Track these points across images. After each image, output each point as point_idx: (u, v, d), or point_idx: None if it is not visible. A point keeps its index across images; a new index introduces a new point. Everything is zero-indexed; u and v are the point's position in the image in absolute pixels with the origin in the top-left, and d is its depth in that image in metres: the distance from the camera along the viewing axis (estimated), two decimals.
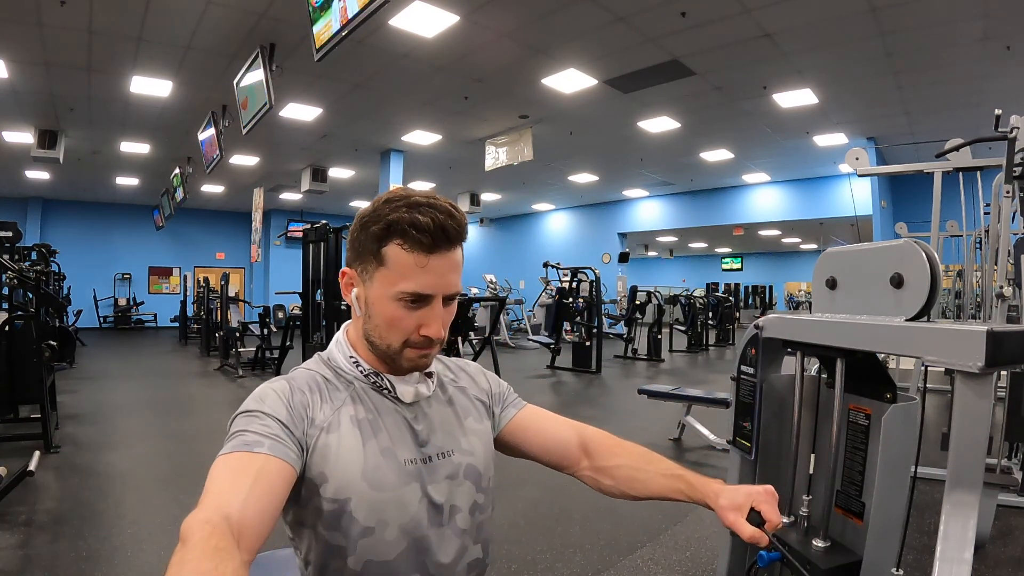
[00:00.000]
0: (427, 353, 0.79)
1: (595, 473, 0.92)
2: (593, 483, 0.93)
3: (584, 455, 0.93)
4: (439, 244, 0.74)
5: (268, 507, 0.63)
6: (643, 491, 0.88)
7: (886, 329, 0.88)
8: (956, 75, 5.90)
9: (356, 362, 0.81)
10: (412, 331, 0.76)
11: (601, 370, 7.95)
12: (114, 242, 14.71)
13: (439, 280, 0.75)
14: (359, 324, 0.81)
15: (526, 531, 2.70)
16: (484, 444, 0.87)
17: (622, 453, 0.92)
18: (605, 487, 0.91)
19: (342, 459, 0.73)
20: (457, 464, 0.82)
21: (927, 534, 2.40)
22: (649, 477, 0.88)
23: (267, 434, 0.68)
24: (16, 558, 2.29)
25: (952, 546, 0.76)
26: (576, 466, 0.93)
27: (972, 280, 5.39)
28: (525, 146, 8.05)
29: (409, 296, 0.74)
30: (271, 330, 7.84)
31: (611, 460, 0.91)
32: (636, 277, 14.89)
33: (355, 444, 0.74)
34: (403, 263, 0.74)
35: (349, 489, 0.72)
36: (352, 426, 0.76)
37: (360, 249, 0.77)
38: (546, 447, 0.93)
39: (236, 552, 0.55)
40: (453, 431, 0.84)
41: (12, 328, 3.74)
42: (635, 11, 4.82)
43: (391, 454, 0.76)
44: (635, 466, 0.89)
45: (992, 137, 3.00)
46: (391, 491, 0.74)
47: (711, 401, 4.12)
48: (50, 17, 4.76)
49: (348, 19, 3.59)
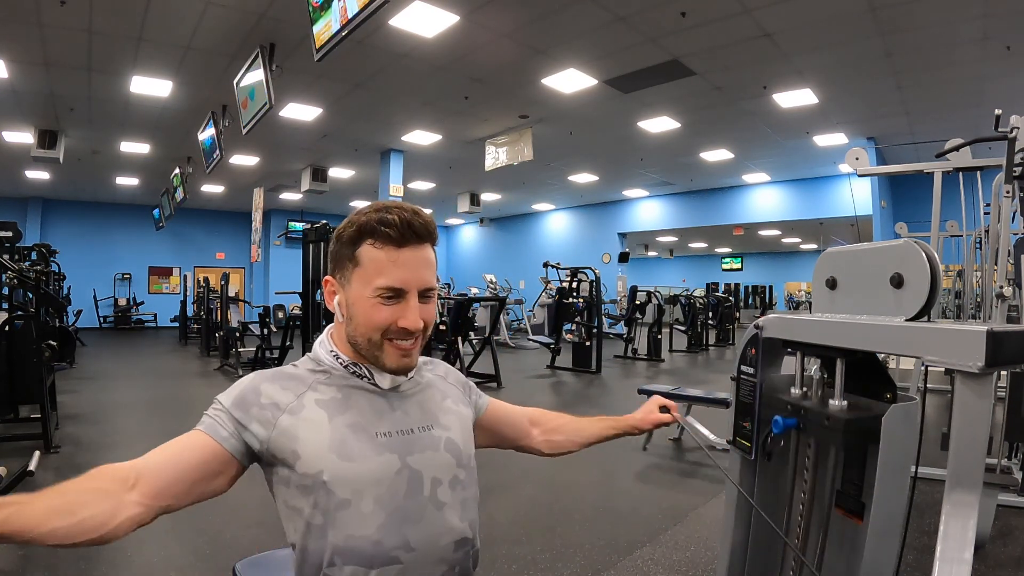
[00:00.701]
0: (408, 351, 0.82)
1: (546, 436, 1.11)
2: (547, 447, 1.11)
3: (534, 426, 1.11)
4: (407, 238, 0.79)
5: (173, 465, 0.72)
6: (587, 437, 1.12)
7: (886, 329, 0.88)
8: (956, 75, 5.90)
9: (336, 355, 0.85)
10: (390, 324, 0.79)
11: (601, 370, 7.95)
12: (114, 242, 14.70)
13: (412, 274, 0.79)
14: (342, 330, 0.85)
15: (526, 531, 2.69)
16: (462, 424, 0.91)
17: (560, 417, 1.14)
18: (557, 444, 1.11)
19: (310, 435, 0.77)
20: (437, 437, 0.84)
21: (927, 534, 2.40)
22: (586, 426, 1.13)
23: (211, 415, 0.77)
24: (16, 558, 2.29)
25: (952, 546, 0.76)
26: (529, 437, 1.10)
27: (972, 280, 5.39)
28: (525, 146, 8.04)
29: (385, 291, 0.78)
30: (271, 330, 7.83)
31: (555, 422, 1.13)
32: (636, 277, 14.89)
33: (321, 419, 0.78)
34: (376, 260, 0.78)
35: (319, 461, 0.75)
36: (315, 407, 0.79)
37: (338, 257, 0.83)
38: (508, 432, 1.08)
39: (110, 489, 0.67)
40: (432, 408, 0.88)
41: (12, 328, 3.74)
42: (635, 11, 4.82)
43: (360, 428, 0.79)
44: (574, 426, 1.13)
45: (992, 137, 3.00)
46: (361, 461, 0.77)
47: (711, 401, 4.12)
48: (50, 17, 4.76)
49: (348, 19, 3.59)
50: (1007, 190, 2.85)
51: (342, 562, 0.74)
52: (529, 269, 14.98)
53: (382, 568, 0.75)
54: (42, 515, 0.61)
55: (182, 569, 2.27)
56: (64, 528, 0.62)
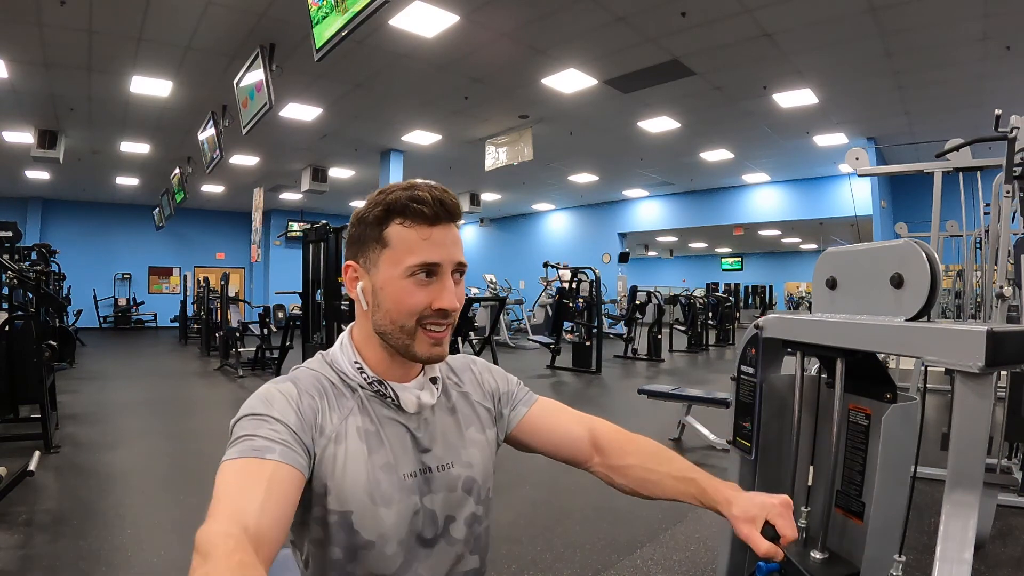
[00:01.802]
0: (441, 339, 0.76)
1: (607, 471, 0.90)
2: (606, 479, 0.91)
3: (595, 451, 0.91)
4: (440, 216, 0.74)
5: (282, 516, 0.62)
6: (655, 492, 0.86)
7: (886, 329, 0.88)
8: (956, 75, 5.90)
9: (360, 368, 0.79)
10: (424, 307, 0.74)
11: (601, 370, 7.94)
12: (114, 242, 14.71)
13: (445, 251, 0.75)
14: (366, 322, 0.79)
15: (526, 531, 2.69)
16: (484, 456, 0.86)
17: (634, 451, 0.89)
18: (617, 485, 0.90)
19: (347, 472, 0.72)
20: (456, 477, 0.81)
21: (927, 534, 2.40)
22: (661, 479, 0.85)
23: (277, 439, 0.66)
24: (16, 558, 2.29)
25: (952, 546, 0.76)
26: (588, 462, 0.91)
27: (972, 280, 5.39)
28: (525, 146, 8.04)
29: (418, 268, 0.73)
30: (271, 330, 7.83)
31: (623, 459, 0.89)
32: (636, 277, 14.89)
33: (360, 457, 0.73)
34: (407, 239, 0.74)
35: (351, 502, 0.71)
36: (358, 438, 0.74)
37: (361, 240, 0.77)
38: (557, 444, 0.92)
39: (259, 566, 0.54)
40: (454, 442, 0.83)
41: (12, 328, 3.73)
42: (635, 11, 4.82)
43: (392, 469, 0.75)
44: (647, 466, 0.87)
45: (992, 137, 3.00)
46: (392, 506, 0.74)
47: (711, 401, 4.12)
48: (50, 17, 4.76)
49: (348, 19, 3.59)
50: (1007, 190, 2.85)
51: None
52: (529, 269, 14.98)
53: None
54: None
55: (182, 569, 2.25)
56: None
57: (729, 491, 0.77)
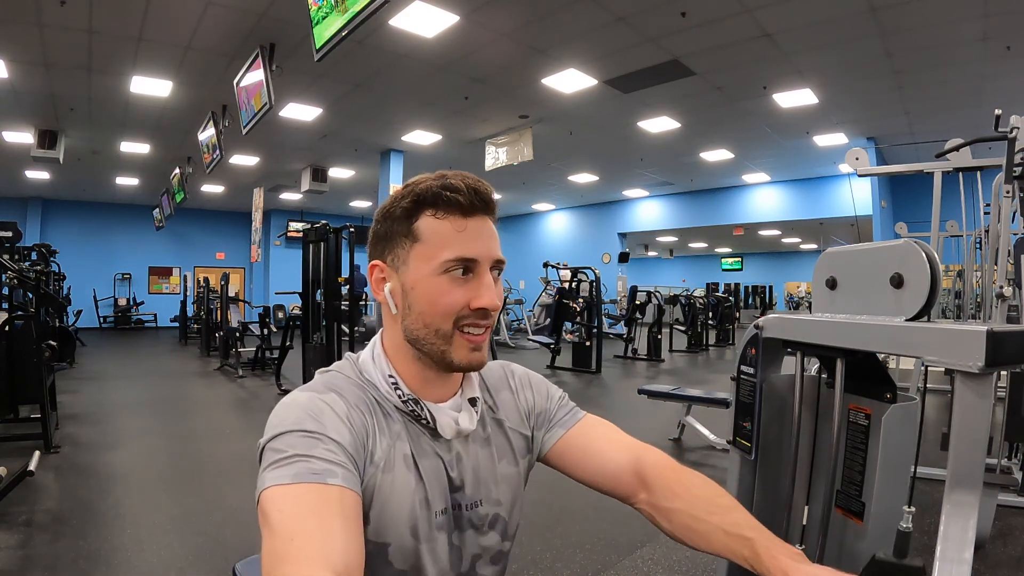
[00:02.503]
0: (480, 343, 0.70)
1: (652, 510, 0.79)
2: (650, 518, 0.80)
3: (642, 487, 0.79)
4: (475, 207, 0.68)
5: (361, 550, 0.56)
6: (700, 545, 0.74)
7: (886, 329, 0.88)
8: (956, 75, 5.90)
9: (395, 383, 0.72)
10: (461, 307, 0.67)
11: (601, 370, 7.94)
12: (114, 242, 14.71)
13: (482, 244, 0.68)
14: (396, 328, 0.72)
15: (526, 531, 2.69)
16: (514, 491, 0.81)
17: (683, 494, 0.76)
18: (662, 527, 0.79)
19: (390, 504, 0.67)
20: (483, 516, 0.77)
21: (927, 534, 2.40)
22: (710, 531, 0.72)
23: (337, 462, 0.59)
24: (16, 558, 2.29)
25: (952, 546, 0.76)
26: (633, 498, 0.81)
27: (972, 280, 5.39)
28: (525, 146, 8.04)
29: (454, 263, 0.66)
30: (271, 330, 7.83)
31: (670, 501, 0.76)
32: (636, 277, 14.89)
33: (407, 489, 0.68)
34: (440, 231, 0.67)
35: (390, 535, 0.67)
36: (405, 468, 0.69)
37: (387, 236, 0.70)
38: (594, 474, 0.82)
39: None
40: (485, 479, 0.77)
41: (12, 328, 3.73)
42: (635, 11, 4.82)
43: (428, 505, 0.71)
44: (695, 515, 0.74)
45: (992, 137, 3.00)
46: (426, 542, 0.70)
47: (711, 401, 4.12)
48: (50, 17, 4.76)
49: (348, 19, 3.59)
50: (1007, 190, 2.85)
51: None
52: (529, 269, 14.98)
53: None
54: None
55: (182, 569, 2.27)
56: None
57: (788, 561, 0.63)
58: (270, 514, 0.54)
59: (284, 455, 0.58)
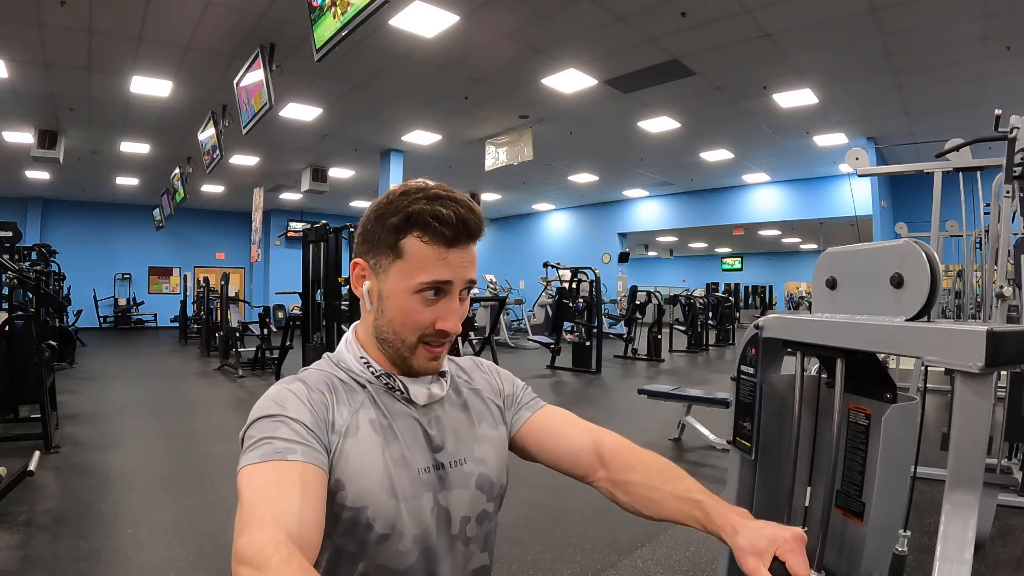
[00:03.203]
0: (438, 354, 0.76)
1: (610, 486, 0.85)
2: (608, 494, 0.87)
3: (600, 465, 0.86)
4: (460, 238, 0.72)
5: (319, 517, 0.61)
6: (657, 512, 0.80)
7: (886, 329, 0.88)
8: (956, 75, 5.90)
9: (367, 363, 0.78)
10: (427, 325, 0.73)
11: (601, 370, 7.94)
12: (114, 242, 14.71)
13: (459, 271, 0.73)
14: (369, 321, 0.78)
15: (526, 531, 2.69)
16: (498, 452, 0.85)
17: (639, 467, 0.83)
18: (620, 501, 0.85)
19: (361, 466, 0.70)
20: (469, 474, 0.79)
21: (927, 534, 2.40)
22: (664, 498, 0.79)
23: (298, 440, 0.65)
24: (16, 558, 2.29)
25: (952, 546, 0.75)
26: (591, 475, 0.87)
27: (972, 280, 5.39)
28: (525, 146, 8.05)
29: (428, 286, 0.71)
30: (271, 330, 7.84)
31: (627, 475, 0.83)
32: (636, 277, 14.89)
33: (374, 450, 0.72)
34: (422, 256, 0.71)
35: (366, 497, 0.70)
36: (371, 431, 0.73)
37: (375, 241, 0.74)
38: (559, 454, 0.88)
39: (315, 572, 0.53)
40: (466, 437, 0.81)
41: (12, 328, 3.74)
42: (635, 11, 4.82)
43: (406, 463, 0.74)
44: (651, 484, 0.81)
45: (992, 137, 3.00)
46: (406, 501, 0.72)
47: (711, 401, 4.12)
48: (50, 17, 4.76)
49: (348, 19, 3.59)
50: (1007, 190, 2.85)
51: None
52: (529, 269, 14.99)
53: None
54: None
55: (182, 569, 2.27)
56: None
57: (736, 518, 0.70)
58: (240, 490, 0.61)
59: (253, 440, 0.65)
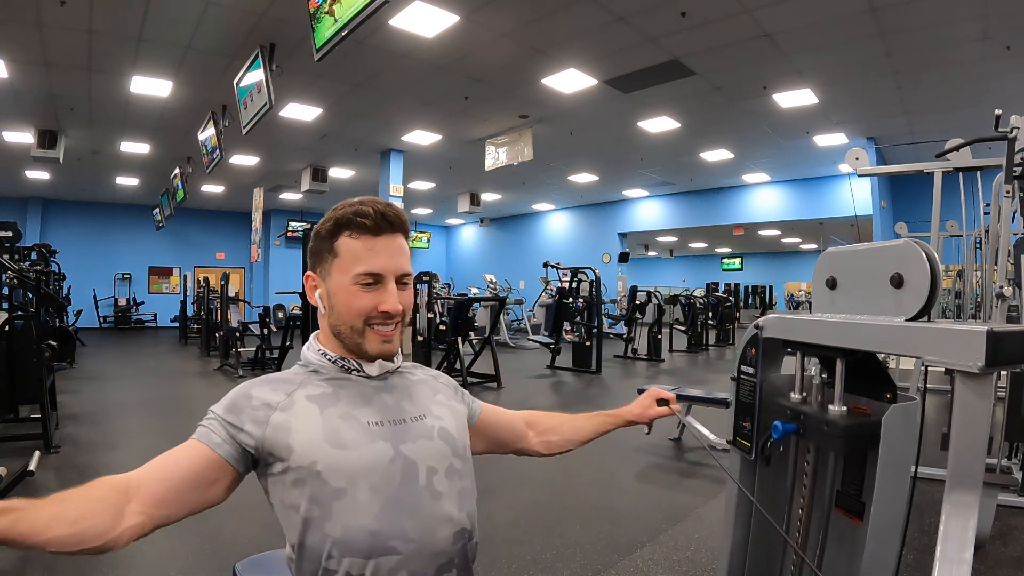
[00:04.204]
0: (389, 337, 0.85)
1: (542, 437, 1.11)
2: (544, 447, 1.11)
3: (529, 428, 1.11)
4: (382, 227, 0.83)
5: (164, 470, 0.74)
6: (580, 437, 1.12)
7: (886, 329, 0.88)
8: (956, 75, 5.90)
9: (324, 352, 0.88)
10: (370, 309, 0.83)
11: (601, 370, 7.94)
12: (114, 242, 14.70)
13: (388, 261, 0.83)
14: (325, 324, 0.88)
15: (526, 531, 2.69)
16: (456, 416, 0.92)
17: (558, 419, 1.14)
18: (554, 444, 1.11)
19: (303, 427, 0.78)
20: (430, 426, 0.86)
21: (927, 534, 2.40)
22: (581, 425, 1.13)
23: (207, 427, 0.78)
24: (16, 558, 2.30)
25: (952, 546, 0.76)
26: (525, 439, 1.10)
27: (972, 280, 5.39)
28: (525, 146, 8.04)
29: (364, 277, 0.82)
30: (271, 330, 7.84)
31: (550, 422, 1.13)
32: (636, 277, 14.88)
33: (313, 412, 0.80)
34: (354, 249, 0.83)
35: (313, 452, 0.76)
36: (307, 401, 0.81)
37: (317, 252, 0.87)
38: (502, 433, 1.07)
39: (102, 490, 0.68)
40: (423, 400, 0.90)
41: (12, 328, 3.73)
42: (635, 11, 4.82)
43: (352, 417, 0.81)
44: (572, 424, 1.13)
45: (992, 137, 3.00)
46: (354, 448, 0.77)
47: (711, 401, 4.12)
48: (50, 17, 4.76)
49: (348, 19, 3.59)
50: (1007, 190, 2.85)
51: (340, 554, 0.74)
52: (529, 269, 14.98)
53: (380, 559, 0.74)
54: (44, 522, 0.62)
55: (182, 569, 2.27)
56: (65, 536, 0.62)
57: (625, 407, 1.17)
58: None
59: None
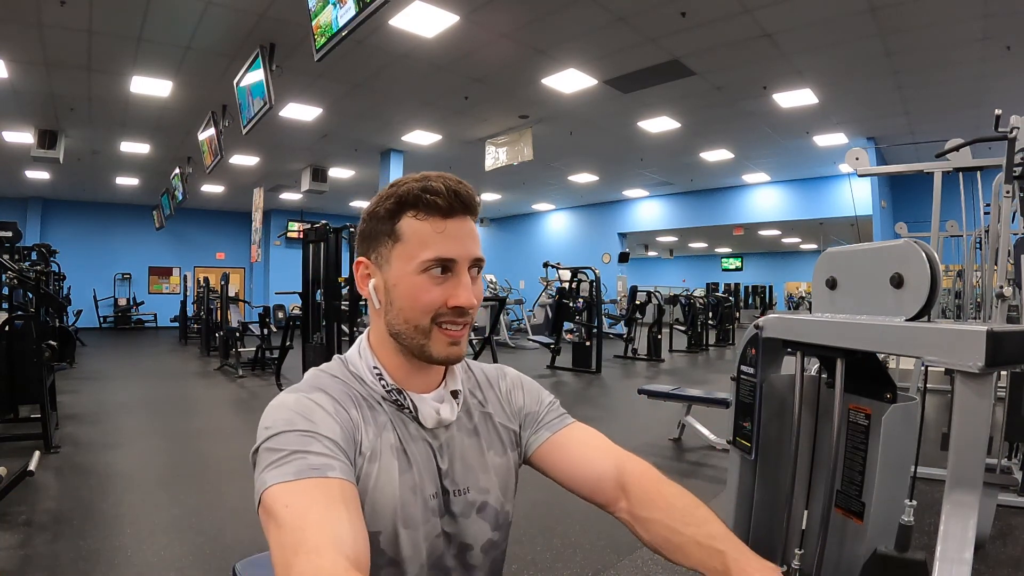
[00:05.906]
0: (458, 338, 0.72)
1: (631, 519, 0.80)
2: (629, 527, 0.81)
3: (622, 495, 0.80)
4: (455, 208, 0.70)
5: (367, 536, 0.59)
6: (675, 556, 0.74)
7: (886, 329, 0.88)
8: (956, 75, 5.90)
9: (380, 375, 0.75)
10: (439, 304, 0.70)
11: (601, 370, 7.94)
12: (114, 242, 14.71)
13: (461, 245, 0.70)
14: (380, 322, 0.75)
15: (526, 531, 2.69)
16: (503, 481, 0.82)
17: (662, 504, 0.77)
18: (640, 536, 0.80)
19: (379, 492, 0.69)
20: (471, 502, 0.77)
21: (927, 534, 2.40)
22: (684, 542, 0.73)
23: (332, 456, 0.62)
24: (16, 558, 2.29)
25: (952, 546, 0.75)
26: (612, 505, 0.82)
27: (972, 280, 5.39)
28: (525, 146, 8.05)
29: (433, 263, 0.69)
30: (271, 330, 7.83)
31: (649, 511, 0.78)
32: (636, 277, 14.89)
33: (392, 477, 0.70)
34: (421, 232, 0.70)
35: (380, 523, 0.69)
36: (391, 456, 0.71)
37: (372, 235, 0.73)
38: (577, 479, 0.83)
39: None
40: (473, 466, 0.79)
41: (12, 328, 3.74)
42: (635, 11, 4.82)
43: (418, 490, 0.73)
44: (672, 526, 0.75)
45: (992, 137, 3.00)
46: (418, 529, 0.71)
47: (711, 401, 4.12)
48: (50, 17, 4.76)
49: (348, 19, 3.59)
50: (1007, 190, 2.85)
51: None
52: (529, 269, 14.98)
53: None
54: None
55: (182, 569, 2.27)
56: None
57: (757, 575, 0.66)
58: (276, 510, 0.56)
59: (282, 454, 0.60)
